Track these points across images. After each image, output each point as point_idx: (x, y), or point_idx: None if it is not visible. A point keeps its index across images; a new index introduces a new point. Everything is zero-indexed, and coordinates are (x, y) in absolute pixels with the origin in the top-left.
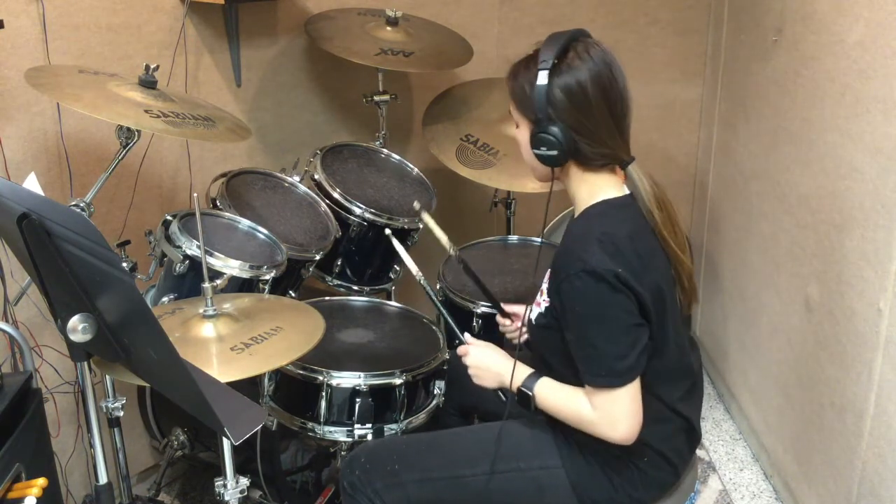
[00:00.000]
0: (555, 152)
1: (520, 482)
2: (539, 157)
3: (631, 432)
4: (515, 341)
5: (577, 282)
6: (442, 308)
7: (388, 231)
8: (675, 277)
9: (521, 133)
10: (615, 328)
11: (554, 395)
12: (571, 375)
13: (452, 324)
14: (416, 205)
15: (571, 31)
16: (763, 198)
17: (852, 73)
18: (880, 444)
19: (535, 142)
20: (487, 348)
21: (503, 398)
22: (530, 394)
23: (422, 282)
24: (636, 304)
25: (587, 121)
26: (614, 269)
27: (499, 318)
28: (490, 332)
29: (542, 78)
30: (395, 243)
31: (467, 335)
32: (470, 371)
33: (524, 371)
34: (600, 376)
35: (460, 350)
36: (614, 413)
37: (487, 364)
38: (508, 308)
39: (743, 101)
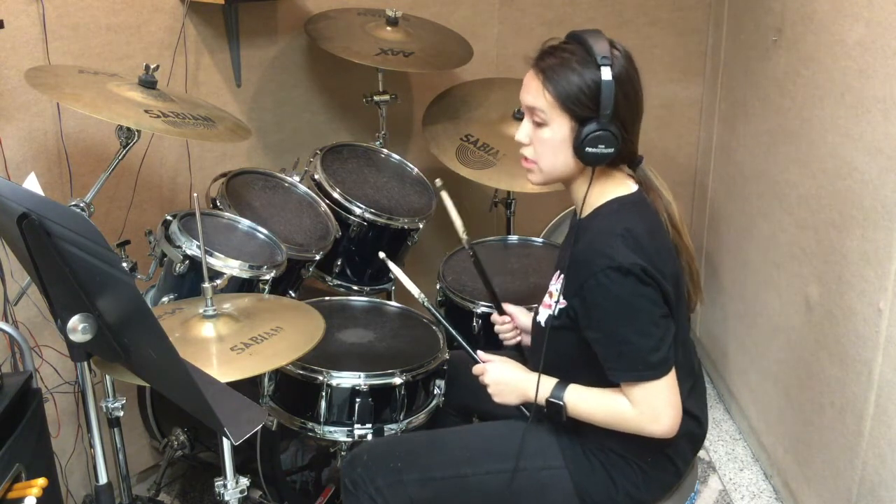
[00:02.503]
0: (611, 150)
1: (522, 482)
2: (590, 155)
3: (674, 423)
4: (508, 342)
5: (603, 279)
6: (452, 329)
7: (381, 255)
8: (687, 272)
9: (552, 131)
10: (646, 321)
11: (587, 401)
12: (583, 377)
13: (463, 342)
14: (438, 182)
15: (596, 30)
16: (763, 198)
17: (852, 73)
18: (880, 444)
19: (592, 140)
20: (504, 363)
21: (526, 413)
22: (561, 403)
23: (425, 304)
24: (661, 295)
25: (634, 115)
26: (640, 263)
27: (494, 317)
28: (489, 332)
29: (607, 73)
30: (392, 266)
31: (480, 353)
32: (490, 389)
33: (548, 382)
34: (636, 371)
35: (476, 369)
36: (656, 406)
37: (507, 380)
38: (507, 307)
39: (743, 101)
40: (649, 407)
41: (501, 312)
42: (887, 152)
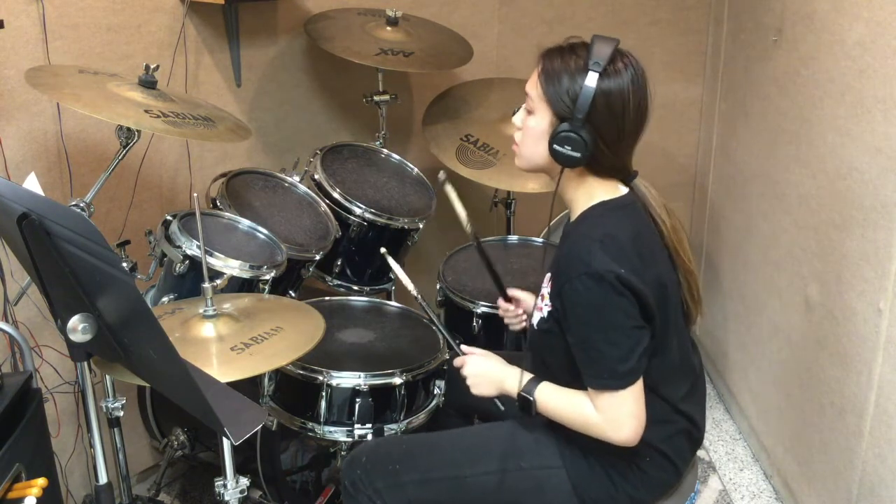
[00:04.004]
0: (577, 154)
1: (521, 482)
2: (557, 153)
3: (635, 434)
4: (514, 328)
5: (579, 284)
6: (438, 322)
7: (382, 249)
8: (685, 287)
9: (536, 120)
10: (616, 331)
11: (555, 400)
12: (573, 380)
13: (447, 336)
14: (442, 174)
15: (613, 38)
16: (763, 198)
17: (852, 73)
18: (880, 444)
19: (560, 139)
20: (484, 356)
21: (500, 407)
22: (531, 399)
23: (420, 299)
24: (638, 305)
25: (617, 131)
26: (616, 271)
27: (500, 302)
28: (490, 332)
29: (592, 80)
30: (391, 262)
31: (464, 346)
32: (468, 381)
33: (524, 377)
34: (602, 378)
35: (457, 362)
36: (618, 415)
37: (484, 371)
38: (512, 292)
39: (743, 101)
40: (612, 415)
41: (507, 299)
42: (887, 152)
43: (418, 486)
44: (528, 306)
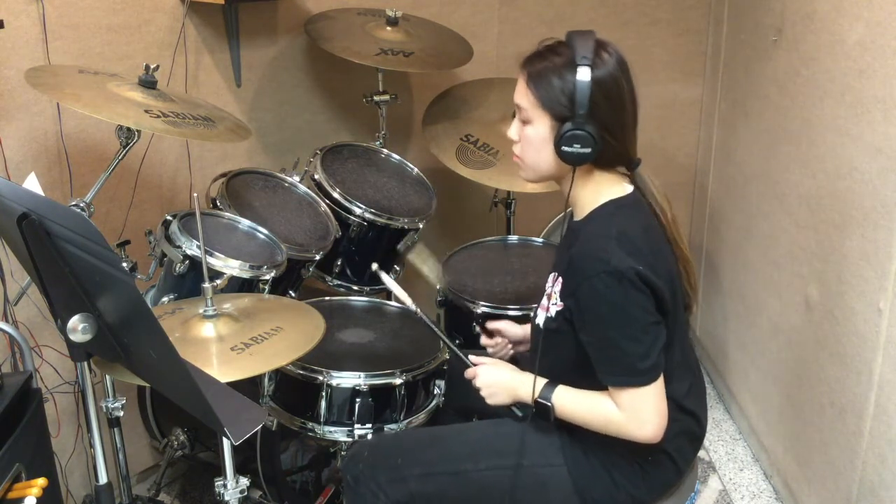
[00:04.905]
0: (588, 150)
1: (522, 479)
2: (568, 154)
3: (659, 430)
4: (503, 358)
5: (598, 283)
6: (444, 336)
7: (374, 266)
8: (685, 276)
9: (534, 129)
10: (637, 328)
11: (574, 402)
12: (579, 380)
13: (456, 349)
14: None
15: (588, 31)
16: (763, 198)
17: (852, 73)
18: (880, 444)
19: (567, 139)
20: (495, 365)
21: (518, 414)
22: (549, 404)
23: (419, 313)
24: (654, 301)
25: (618, 118)
26: (636, 267)
27: (483, 340)
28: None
29: (585, 74)
30: (384, 277)
31: (472, 357)
32: (482, 392)
33: (539, 382)
34: (625, 376)
35: (468, 373)
36: (642, 412)
37: (496, 381)
38: (492, 325)
39: (743, 101)
40: (635, 412)
41: (489, 335)
42: (887, 152)
43: (420, 480)
44: (512, 334)
